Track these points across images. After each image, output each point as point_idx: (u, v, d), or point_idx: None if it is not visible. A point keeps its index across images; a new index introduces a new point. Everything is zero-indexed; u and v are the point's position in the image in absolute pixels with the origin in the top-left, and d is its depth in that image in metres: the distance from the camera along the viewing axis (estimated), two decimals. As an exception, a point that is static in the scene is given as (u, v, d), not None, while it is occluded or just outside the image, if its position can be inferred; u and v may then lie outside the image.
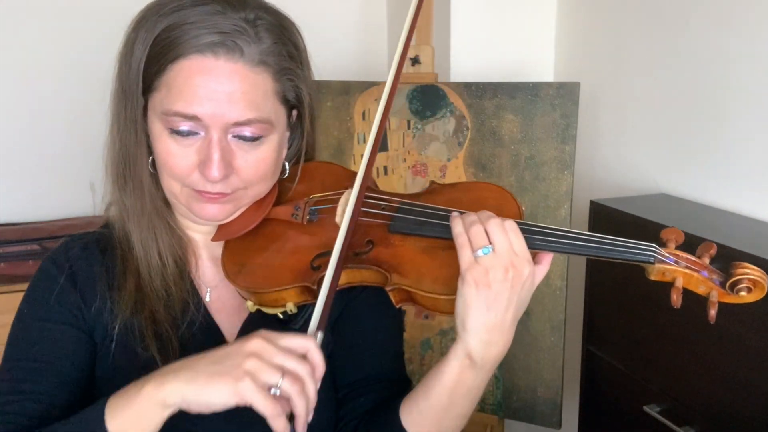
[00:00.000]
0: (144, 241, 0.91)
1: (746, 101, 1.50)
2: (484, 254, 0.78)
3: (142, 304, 0.89)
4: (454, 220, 0.82)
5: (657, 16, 1.74)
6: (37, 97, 2.27)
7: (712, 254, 0.80)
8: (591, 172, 2.02)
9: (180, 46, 0.81)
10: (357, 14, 2.58)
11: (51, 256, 0.95)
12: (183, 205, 0.90)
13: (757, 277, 0.76)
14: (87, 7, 2.26)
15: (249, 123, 0.83)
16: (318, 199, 0.94)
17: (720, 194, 1.58)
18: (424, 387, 0.86)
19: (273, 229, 0.93)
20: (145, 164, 0.89)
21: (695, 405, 1.35)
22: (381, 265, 0.85)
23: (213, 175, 0.83)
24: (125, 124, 0.87)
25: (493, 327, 0.79)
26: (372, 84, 1.98)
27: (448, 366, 0.83)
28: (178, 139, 0.84)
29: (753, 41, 1.47)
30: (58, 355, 0.89)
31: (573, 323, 1.93)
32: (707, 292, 0.79)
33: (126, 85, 0.86)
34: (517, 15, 2.14)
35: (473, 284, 0.78)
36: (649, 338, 1.46)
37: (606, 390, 1.62)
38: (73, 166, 2.32)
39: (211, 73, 0.81)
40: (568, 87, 1.80)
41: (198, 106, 0.81)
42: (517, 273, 0.78)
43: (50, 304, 0.91)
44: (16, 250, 2.06)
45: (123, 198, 0.91)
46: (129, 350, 0.89)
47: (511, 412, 1.94)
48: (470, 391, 0.84)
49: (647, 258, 0.80)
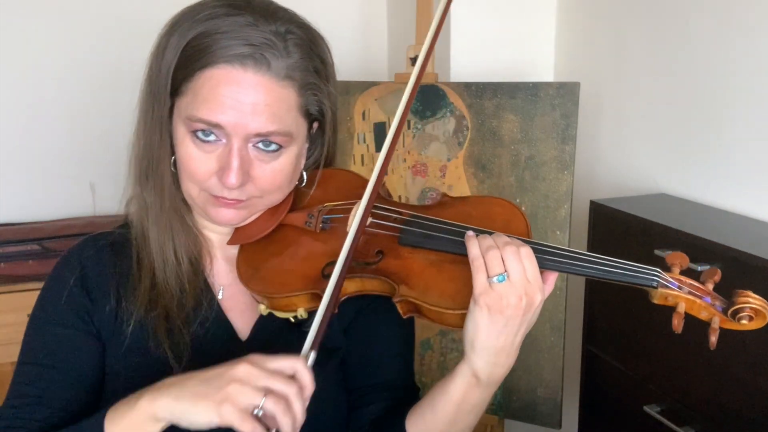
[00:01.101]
0: (161, 238, 0.92)
1: (746, 101, 1.50)
2: (500, 282, 0.79)
3: (156, 302, 0.91)
4: (470, 240, 0.83)
5: (657, 16, 1.74)
6: (37, 97, 2.27)
7: (716, 280, 0.81)
8: (591, 172, 2.02)
9: (210, 54, 0.83)
10: (357, 14, 2.58)
11: (65, 258, 0.97)
12: (200, 207, 0.92)
13: (759, 306, 0.77)
14: (87, 7, 2.27)
15: (270, 135, 0.86)
16: (331, 208, 0.96)
17: (720, 194, 1.58)
18: (431, 401, 0.88)
19: (287, 234, 0.95)
20: (168, 164, 0.91)
21: (695, 405, 1.35)
22: (389, 275, 0.86)
23: (230, 182, 0.85)
24: (151, 123, 0.89)
25: (502, 350, 0.81)
26: (372, 84, 1.98)
27: (454, 384, 0.85)
28: (199, 145, 0.86)
29: (753, 41, 1.47)
30: (68, 358, 0.91)
31: (573, 323, 1.93)
32: (709, 318, 0.79)
33: (155, 87, 0.88)
34: (517, 15, 2.14)
35: (486, 309, 0.79)
36: (649, 338, 1.46)
37: (606, 390, 1.62)
38: (73, 166, 2.32)
39: (238, 84, 0.83)
40: (568, 87, 1.80)
41: (222, 114, 0.83)
42: (530, 300, 0.80)
43: (60, 307, 0.93)
44: (16, 250, 2.06)
45: (144, 195, 0.93)
46: (142, 347, 0.91)
47: (511, 412, 1.94)
48: (474, 407, 0.87)
49: (650, 282, 0.81)
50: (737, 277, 1.22)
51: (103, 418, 0.80)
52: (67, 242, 2.10)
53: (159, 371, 0.86)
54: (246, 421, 0.73)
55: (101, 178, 2.34)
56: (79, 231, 2.14)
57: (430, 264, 0.87)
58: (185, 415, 0.75)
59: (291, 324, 0.92)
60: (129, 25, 2.30)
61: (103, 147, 2.32)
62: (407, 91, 0.94)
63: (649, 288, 0.81)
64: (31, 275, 2.04)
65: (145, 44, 0.95)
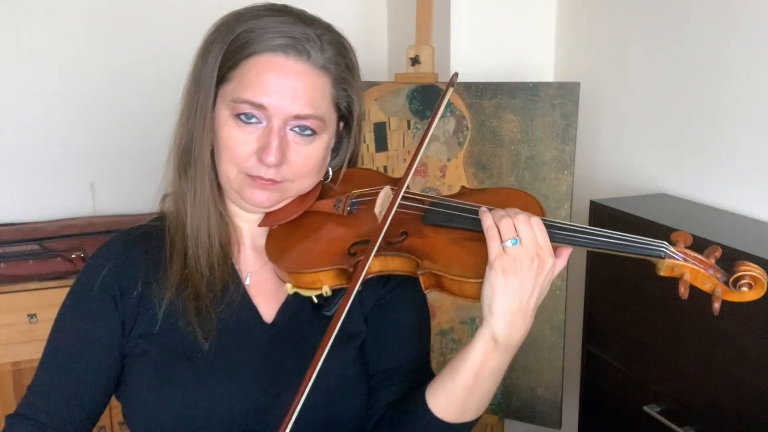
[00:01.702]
0: (195, 221, 0.99)
1: (746, 101, 1.50)
2: (513, 245, 0.85)
3: (186, 282, 0.97)
4: (484, 214, 0.90)
5: (657, 16, 1.74)
6: (38, 97, 2.27)
7: (717, 256, 0.86)
8: (591, 172, 2.02)
9: (255, 44, 0.92)
10: (357, 14, 2.58)
11: (98, 250, 1.03)
12: (235, 190, 0.98)
13: (757, 274, 0.82)
14: (88, 8, 2.27)
15: (307, 118, 0.94)
16: (359, 193, 1.03)
17: (720, 194, 1.58)
18: (451, 369, 0.92)
19: (315, 220, 1.02)
20: (208, 151, 0.97)
21: (695, 405, 1.35)
22: (413, 252, 0.93)
23: (270, 160, 0.92)
24: (195, 112, 0.96)
25: (518, 311, 0.86)
26: (372, 84, 1.98)
27: (474, 349, 0.90)
28: (242, 126, 0.93)
29: (753, 41, 1.48)
30: (90, 352, 0.97)
31: (573, 323, 1.93)
32: (712, 289, 0.85)
33: (201, 77, 0.95)
34: (517, 15, 2.14)
35: (501, 272, 0.85)
36: (649, 338, 1.46)
37: (606, 390, 1.62)
38: (73, 166, 2.32)
39: (281, 70, 0.92)
40: (568, 87, 1.80)
41: (265, 96, 0.92)
42: (541, 263, 0.86)
43: (91, 296, 0.98)
44: (16, 250, 2.06)
45: (183, 183, 0.99)
46: (173, 327, 0.96)
47: (511, 412, 1.95)
48: (493, 372, 0.91)
49: (658, 253, 0.87)
50: (737, 277, 1.22)
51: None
52: (67, 242, 2.10)
53: (188, 349, 0.94)
54: None
55: (101, 178, 2.34)
56: (79, 231, 2.14)
57: (451, 241, 0.94)
58: None
59: (314, 307, 0.98)
60: (130, 26, 2.30)
61: (103, 147, 2.33)
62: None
63: (656, 259, 0.87)
64: (31, 275, 2.04)
65: (145, 45, 0.96)
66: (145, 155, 2.30)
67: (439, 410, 0.93)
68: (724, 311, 1.27)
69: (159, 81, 2.26)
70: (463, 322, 1.96)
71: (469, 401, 0.92)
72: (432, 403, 0.93)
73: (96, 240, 2.11)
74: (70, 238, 2.12)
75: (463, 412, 0.93)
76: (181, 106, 0.99)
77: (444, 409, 0.93)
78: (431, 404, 0.94)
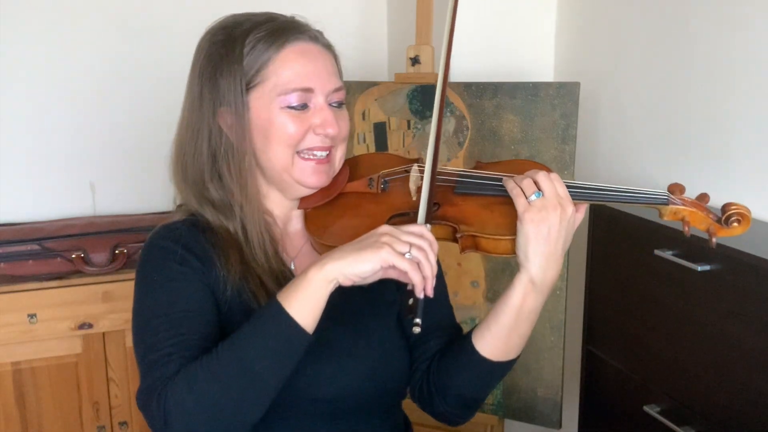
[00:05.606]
0: (249, 219, 1.06)
1: (746, 101, 1.50)
2: (536, 197, 0.98)
3: (249, 272, 1.05)
4: (507, 179, 1.03)
5: (657, 16, 1.75)
6: (38, 97, 2.27)
7: (707, 201, 1.02)
8: (591, 172, 2.02)
9: (282, 37, 1.03)
10: (357, 14, 2.58)
11: (158, 235, 1.06)
12: (293, 177, 1.06)
13: (743, 210, 0.99)
14: (89, 9, 2.26)
15: (340, 89, 1.08)
16: (389, 171, 1.14)
17: (720, 194, 1.58)
18: (494, 313, 1.05)
19: (349, 200, 1.11)
20: (251, 154, 1.06)
21: (695, 405, 1.35)
22: (448, 220, 1.03)
23: (330, 132, 1.04)
24: (233, 126, 1.04)
25: (550, 255, 0.98)
26: (372, 84, 1.98)
27: (514, 291, 1.02)
28: (291, 113, 1.03)
29: (753, 41, 1.48)
30: (198, 305, 1.01)
31: (573, 323, 1.93)
32: (707, 228, 1.00)
33: (220, 94, 1.03)
34: (517, 15, 2.14)
35: (530, 222, 0.97)
36: (649, 338, 1.46)
37: (606, 390, 1.63)
38: (73, 166, 2.32)
39: (311, 53, 1.05)
40: (568, 87, 1.80)
41: (308, 80, 1.04)
42: (564, 210, 0.98)
43: (174, 267, 1.02)
44: (16, 250, 2.06)
45: (219, 191, 1.07)
46: (244, 307, 1.02)
47: (511, 412, 1.95)
48: (531, 313, 1.03)
49: (663, 200, 1.01)
50: (737, 277, 1.22)
51: (277, 300, 0.92)
52: (67, 242, 2.10)
53: None
54: (404, 260, 0.90)
55: (101, 178, 2.34)
56: (79, 231, 2.14)
57: (482, 206, 1.05)
58: (351, 268, 0.90)
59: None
60: (130, 26, 2.30)
61: (103, 147, 2.33)
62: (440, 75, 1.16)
63: (661, 206, 1.01)
64: (31, 275, 2.03)
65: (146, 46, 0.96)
66: (145, 155, 2.30)
67: (486, 350, 1.06)
68: (724, 311, 1.27)
69: (159, 81, 2.26)
70: (463, 322, 1.96)
71: (511, 339, 1.05)
72: (479, 345, 1.06)
73: (96, 240, 2.10)
74: (70, 238, 2.11)
75: (508, 351, 1.06)
76: (190, 120, 1.05)
77: (490, 349, 1.06)
78: (478, 346, 1.06)
